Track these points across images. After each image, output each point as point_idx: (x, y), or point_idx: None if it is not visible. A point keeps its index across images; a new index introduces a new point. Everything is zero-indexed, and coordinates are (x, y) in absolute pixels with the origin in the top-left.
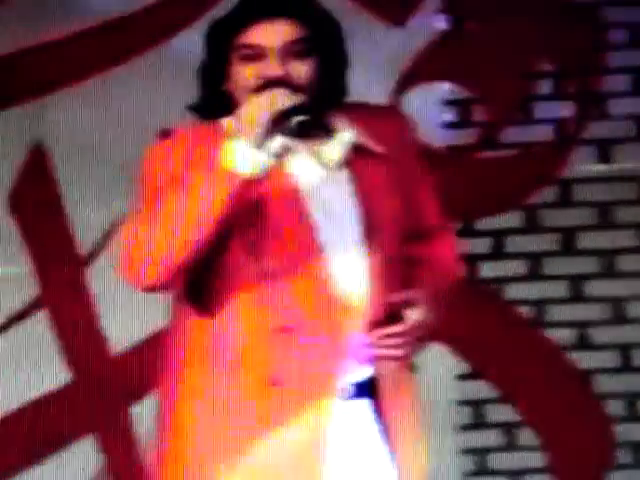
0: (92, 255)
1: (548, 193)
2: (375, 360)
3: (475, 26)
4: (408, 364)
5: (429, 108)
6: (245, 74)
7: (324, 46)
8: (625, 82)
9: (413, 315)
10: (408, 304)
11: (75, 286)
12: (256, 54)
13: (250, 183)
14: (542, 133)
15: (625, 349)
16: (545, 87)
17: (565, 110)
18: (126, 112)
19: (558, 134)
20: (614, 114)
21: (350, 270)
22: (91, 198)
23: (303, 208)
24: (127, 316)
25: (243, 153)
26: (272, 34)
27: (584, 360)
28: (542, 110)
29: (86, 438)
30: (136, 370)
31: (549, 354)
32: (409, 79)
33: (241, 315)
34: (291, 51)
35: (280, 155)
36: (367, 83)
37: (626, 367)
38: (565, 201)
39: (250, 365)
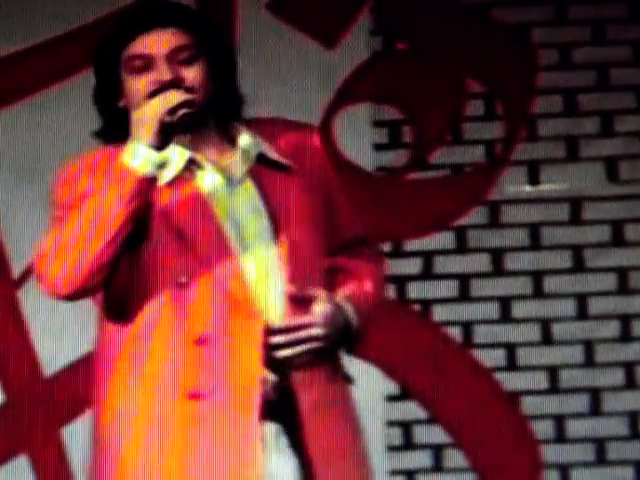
0: (23, 277)
1: (478, 214)
2: (285, 363)
3: (406, 47)
4: (341, 377)
5: (359, 129)
6: (137, 86)
7: (211, 51)
8: (556, 103)
9: (317, 309)
10: (312, 299)
11: (7, 308)
12: (145, 64)
13: (146, 181)
14: (472, 154)
15: (553, 370)
16: (475, 108)
17: (495, 131)
18: (62, 134)
19: (488, 155)
20: (544, 135)
21: (264, 277)
22: (23, 220)
23: (212, 220)
24: (60, 338)
25: (136, 152)
26: (157, 42)
27: (512, 381)
28: (472, 131)
29: (19, 458)
30: (69, 391)
31: (478, 375)
32: (339, 100)
33: (158, 327)
34: (178, 57)
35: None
36: (299, 103)
37: (554, 389)
38: (494, 222)
39: (169, 378)
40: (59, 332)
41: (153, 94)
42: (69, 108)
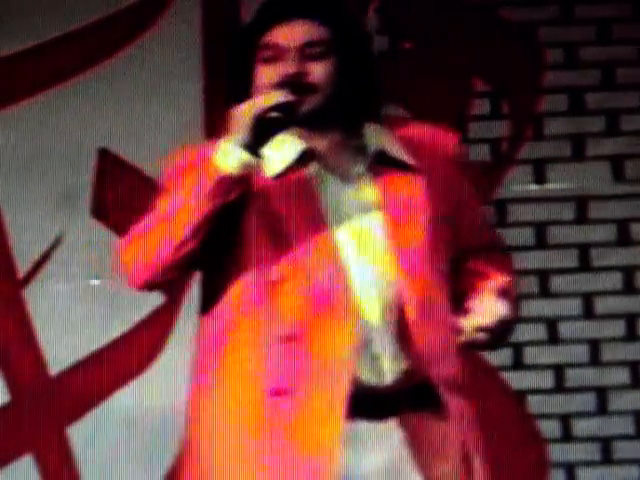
0: (29, 277)
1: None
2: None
3: (411, 47)
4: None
5: None
6: (265, 75)
7: (345, 48)
8: (562, 102)
9: (502, 309)
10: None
11: (12, 308)
12: (275, 55)
13: (229, 179)
14: (478, 153)
15: (559, 369)
16: (481, 107)
17: (501, 130)
18: (65, 134)
19: (494, 154)
20: (550, 134)
21: (373, 279)
22: (27, 220)
23: (317, 216)
24: (65, 337)
25: (224, 150)
26: (291, 34)
27: (518, 380)
28: (478, 130)
29: (24, 458)
30: (74, 390)
31: (484, 374)
32: None
33: (246, 324)
34: (309, 51)
35: (263, 155)
36: None
37: (560, 388)
38: (500, 221)
39: (253, 375)
40: (64, 331)
41: (276, 86)
42: (70, 108)
